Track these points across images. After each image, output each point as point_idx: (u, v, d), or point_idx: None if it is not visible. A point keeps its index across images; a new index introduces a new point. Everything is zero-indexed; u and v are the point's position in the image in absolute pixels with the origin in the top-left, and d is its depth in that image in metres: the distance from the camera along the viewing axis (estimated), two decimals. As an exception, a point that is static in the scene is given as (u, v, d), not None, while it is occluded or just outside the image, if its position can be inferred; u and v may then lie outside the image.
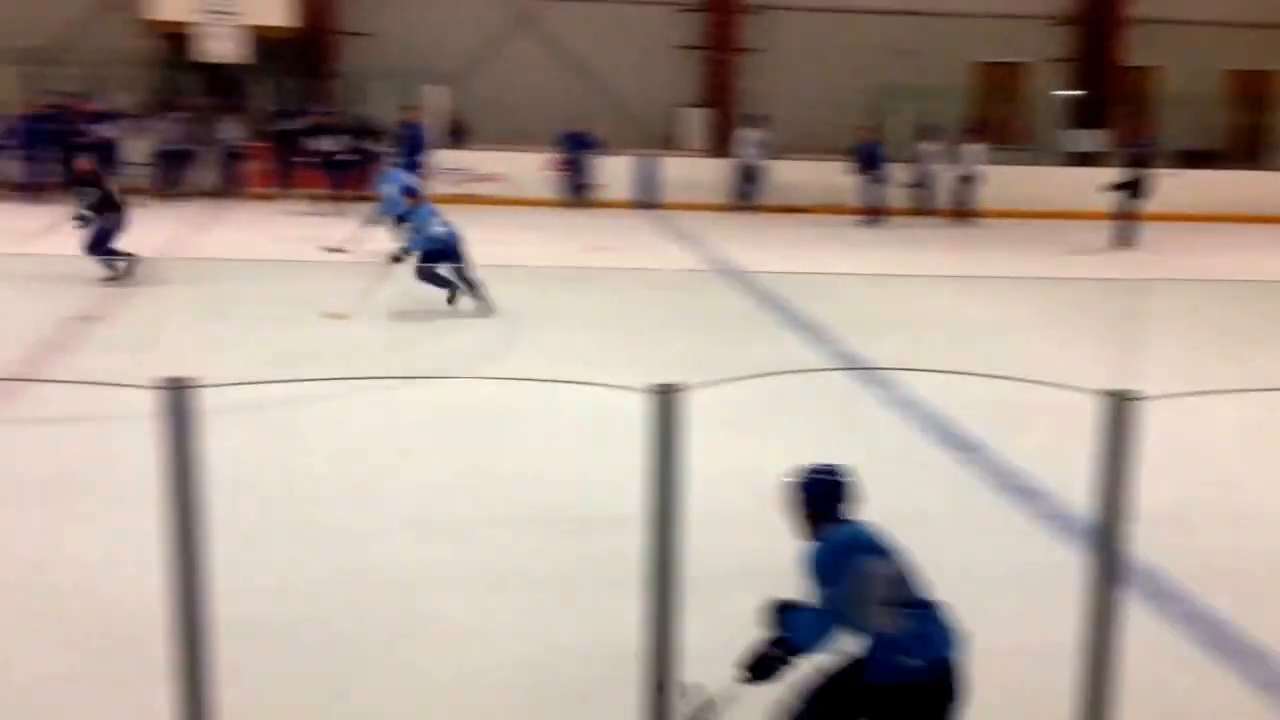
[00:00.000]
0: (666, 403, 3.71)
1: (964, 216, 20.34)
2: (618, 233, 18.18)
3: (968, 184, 20.47)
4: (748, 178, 21.13)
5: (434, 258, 11.51)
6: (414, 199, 11.92)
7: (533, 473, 7.35)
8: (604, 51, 22.94)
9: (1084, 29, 24.62)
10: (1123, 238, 17.90)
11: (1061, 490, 6.95)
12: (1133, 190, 17.90)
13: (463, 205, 19.82)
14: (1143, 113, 22.91)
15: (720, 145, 22.13)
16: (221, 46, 20.10)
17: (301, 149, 19.80)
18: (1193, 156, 22.30)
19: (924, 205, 20.62)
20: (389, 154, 19.91)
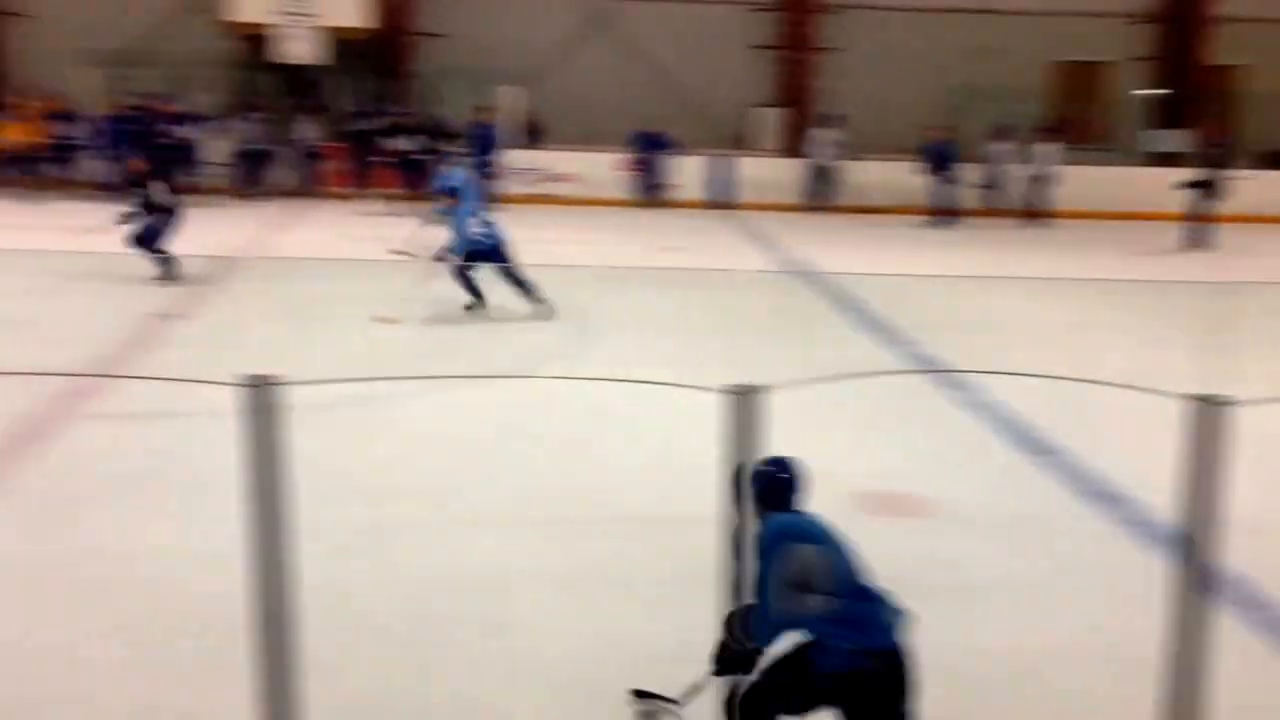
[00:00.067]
0: (745, 403, 3.71)
1: (1037, 217, 20.07)
2: (691, 233, 18.15)
3: (1041, 184, 20.20)
4: (822, 178, 21.02)
5: (475, 259, 11.45)
6: (453, 199, 11.73)
7: (608, 472, 7.36)
8: (678, 51, 22.93)
9: (1166, 27, 24.21)
10: (1196, 239, 17.58)
11: (1143, 495, 6.84)
12: (1207, 190, 17.57)
13: (537, 205, 20.03)
14: (1226, 113, 22.48)
15: (794, 145, 22.04)
16: (300, 48, 20.35)
17: (378, 149, 20.00)
18: (1276, 158, 21.84)
19: (995, 206, 20.38)
20: (462, 154, 20.09)
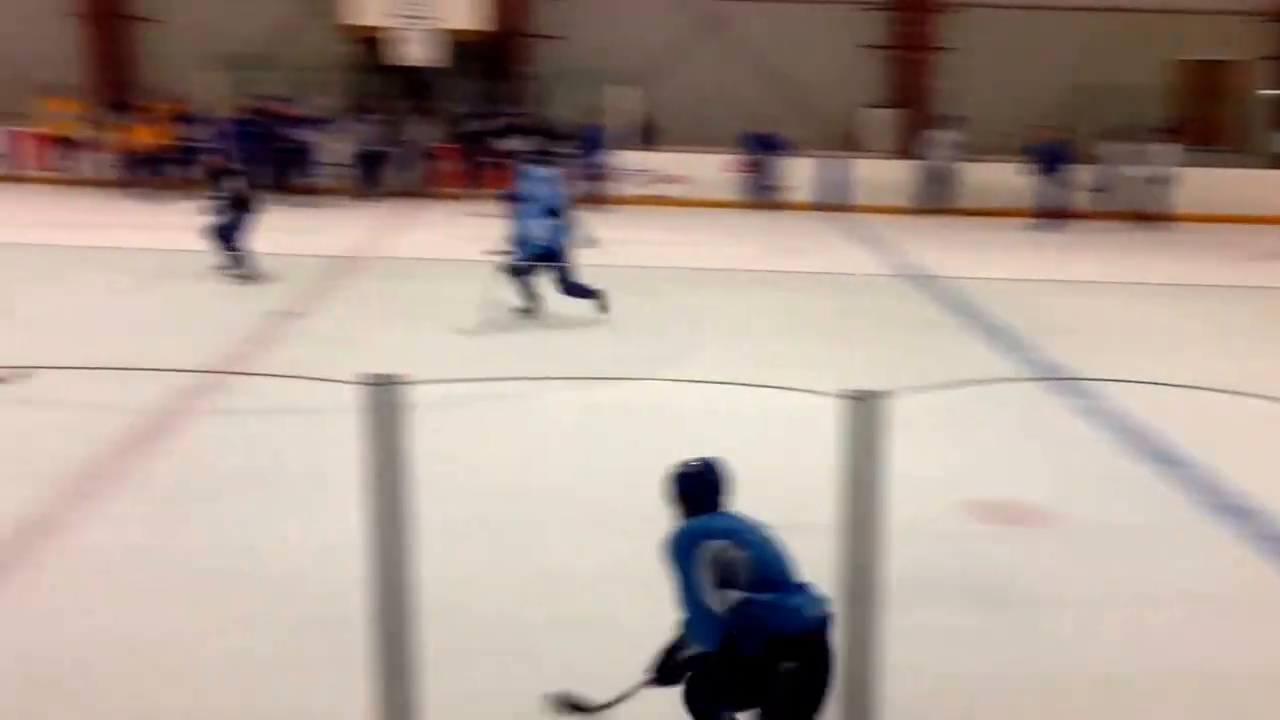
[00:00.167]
0: (864, 409, 3.65)
1: (1154, 220, 19.53)
2: (802, 236, 18.02)
3: (1157, 186, 19.66)
4: (937, 180, 20.72)
5: (536, 261, 11.38)
6: (514, 201, 11.69)
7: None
8: (790, 51, 22.78)
9: (1295, 26, 23.43)
10: None
11: (1273, 508, 6.62)
12: None
13: (648, 207, 20.06)
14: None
15: (908, 146, 21.77)
16: (416, 50, 20.64)
17: (491, 150, 20.20)
18: None
19: (1108, 208, 19.89)
20: (572, 155, 20.20)
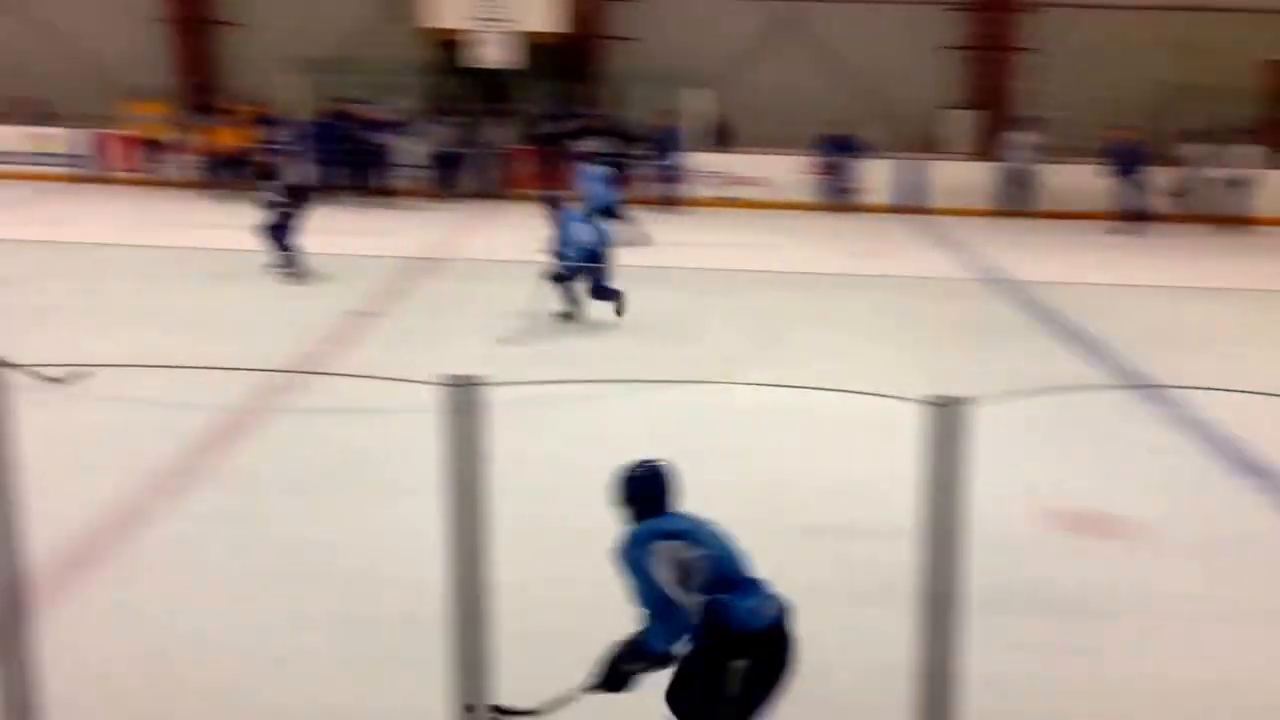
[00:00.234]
0: (947, 416, 3.59)
1: (1235, 224, 19.11)
2: (879, 238, 17.85)
3: (1239, 189, 19.22)
4: (1018, 182, 20.42)
5: (580, 263, 11.35)
6: (557, 209, 11.68)
7: (797, 481, 7.27)
8: (867, 52, 22.57)
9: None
10: None
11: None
12: None
13: (723, 209, 20.00)
14: None
15: (988, 148, 21.48)
16: (494, 52, 20.74)
17: (566, 151, 20.25)
18: None
19: (1187, 211, 19.47)
20: (645, 157, 20.19)
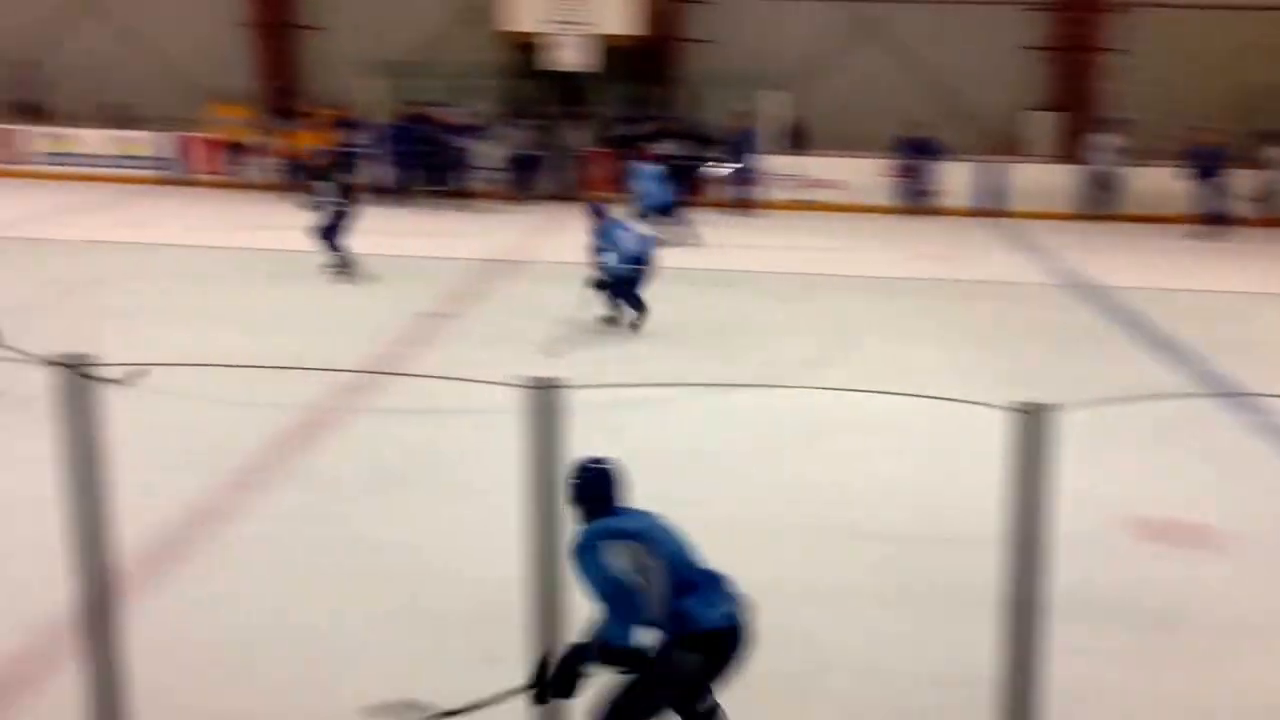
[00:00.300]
0: (1033, 422, 3.53)
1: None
2: (959, 242, 17.66)
3: None
4: (1101, 185, 20.09)
5: (625, 267, 11.28)
6: (601, 216, 11.62)
7: (878, 486, 7.21)
8: (946, 53, 22.32)
9: None
10: None
11: None
12: None
13: (799, 212, 19.90)
14: None
15: (1070, 150, 21.16)
16: (571, 55, 20.81)
17: (643, 154, 20.24)
18: None
19: (1269, 215, 19.02)
20: (721, 160, 20.14)
